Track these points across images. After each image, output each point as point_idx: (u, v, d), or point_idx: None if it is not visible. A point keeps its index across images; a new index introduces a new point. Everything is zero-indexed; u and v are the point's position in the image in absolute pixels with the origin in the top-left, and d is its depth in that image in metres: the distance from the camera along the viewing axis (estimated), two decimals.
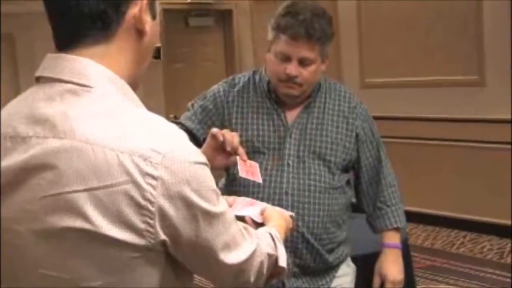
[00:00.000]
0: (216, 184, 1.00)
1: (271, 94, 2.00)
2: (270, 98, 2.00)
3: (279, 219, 1.33)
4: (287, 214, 1.40)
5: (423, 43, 5.50)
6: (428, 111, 5.50)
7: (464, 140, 5.29)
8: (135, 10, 0.99)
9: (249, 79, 2.06)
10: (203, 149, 1.65)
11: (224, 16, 7.49)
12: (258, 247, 1.10)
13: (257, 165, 1.71)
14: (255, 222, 1.33)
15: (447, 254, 4.89)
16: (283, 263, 1.19)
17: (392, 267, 2.07)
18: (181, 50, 7.16)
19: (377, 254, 2.13)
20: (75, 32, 0.97)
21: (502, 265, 4.58)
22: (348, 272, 2.10)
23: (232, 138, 1.63)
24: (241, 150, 1.65)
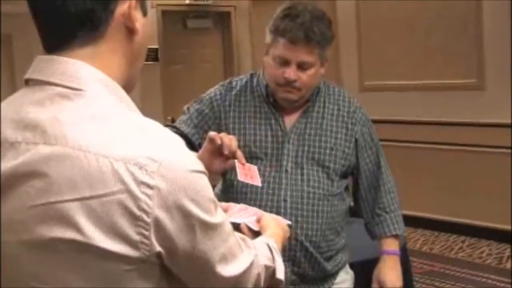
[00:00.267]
0: (212, 189, 0.97)
1: (269, 98, 1.97)
2: (268, 102, 1.97)
3: (276, 227, 1.31)
4: (284, 223, 1.37)
5: (423, 45, 5.49)
6: (427, 114, 5.49)
7: (464, 144, 5.27)
8: (124, 7, 0.95)
9: (246, 82, 2.02)
10: (200, 153, 1.63)
11: (222, 18, 7.48)
12: (256, 258, 1.07)
13: (256, 168, 1.69)
14: (251, 230, 1.30)
15: (445, 259, 4.86)
16: (280, 275, 1.16)
17: (391, 274, 2.05)
18: (179, 51, 7.15)
19: (375, 260, 2.11)
20: (63, 33, 0.93)
21: (501, 270, 4.57)
22: (346, 279, 2.08)
23: (230, 141, 1.61)
24: (239, 154, 1.62)
